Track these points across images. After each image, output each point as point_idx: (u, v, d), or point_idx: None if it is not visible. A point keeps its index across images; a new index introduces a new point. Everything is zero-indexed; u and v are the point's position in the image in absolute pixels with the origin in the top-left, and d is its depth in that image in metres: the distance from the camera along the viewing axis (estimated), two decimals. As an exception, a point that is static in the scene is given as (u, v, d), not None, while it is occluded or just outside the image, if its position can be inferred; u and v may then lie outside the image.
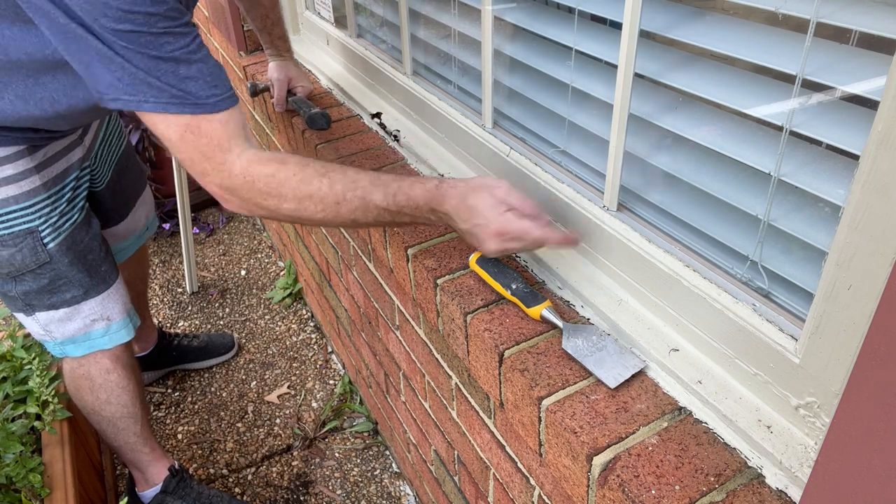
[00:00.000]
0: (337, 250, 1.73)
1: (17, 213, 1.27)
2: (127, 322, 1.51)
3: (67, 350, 1.46)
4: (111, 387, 1.54)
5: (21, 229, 1.28)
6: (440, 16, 1.28)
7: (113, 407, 1.56)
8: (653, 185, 0.90)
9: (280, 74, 1.63)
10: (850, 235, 0.60)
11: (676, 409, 0.79)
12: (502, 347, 0.89)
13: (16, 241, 1.28)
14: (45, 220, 1.30)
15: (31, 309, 1.39)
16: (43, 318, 1.40)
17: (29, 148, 1.26)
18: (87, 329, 1.45)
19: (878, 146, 0.55)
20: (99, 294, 1.43)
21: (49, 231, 1.31)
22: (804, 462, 0.70)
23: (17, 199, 1.26)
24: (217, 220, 3.08)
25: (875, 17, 0.58)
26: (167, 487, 1.70)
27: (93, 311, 1.43)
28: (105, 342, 1.48)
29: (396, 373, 1.56)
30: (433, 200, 0.96)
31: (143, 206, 1.81)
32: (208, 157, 0.96)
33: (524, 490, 1.04)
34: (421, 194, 0.96)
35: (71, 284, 1.38)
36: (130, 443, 1.64)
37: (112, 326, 1.48)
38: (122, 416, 1.58)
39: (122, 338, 1.50)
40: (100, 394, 1.53)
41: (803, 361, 0.69)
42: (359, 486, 1.88)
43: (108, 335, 1.48)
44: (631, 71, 0.83)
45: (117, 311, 1.48)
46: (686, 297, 0.83)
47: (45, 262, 1.33)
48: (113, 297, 1.47)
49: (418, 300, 1.14)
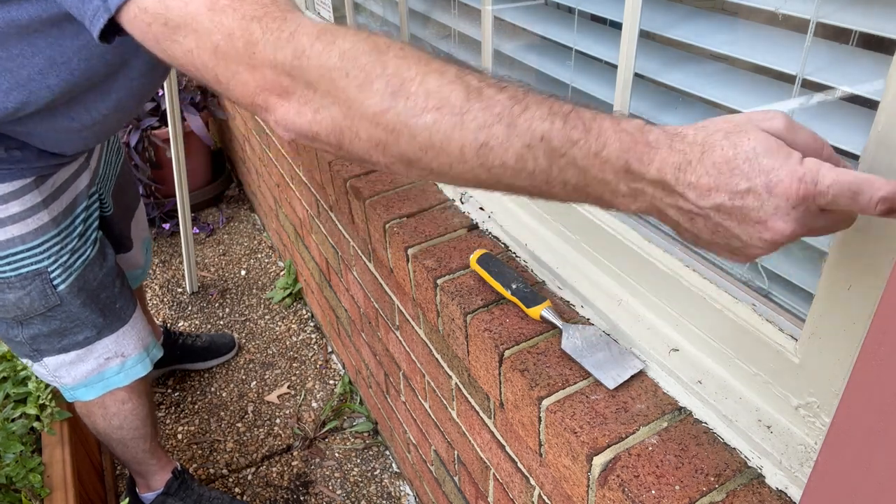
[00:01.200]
0: (337, 250, 1.73)
1: (25, 254, 1.17)
2: (143, 357, 1.42)
3: (78, 394, 1.38)
4: (125, 415, 1.49)
5: (29, 271, 1.18)
6: (440, 15, 1.28)
7: (124, 431, 1.53)
8: (653, 185, 0.90)
9: None
10: (850, 235, 0.60)
11: (676, 409, 0.79)
12: (502, 347, 0.89)
13: (23, 284, 1.18)
14: (54, 259, 1.20)
15: (38, 354, 1.29)
16: (52, 363, 1.30)
17: (37, 180, 1.16)
18: (101, 369, 1.36)
19: (878, 146, 0.55)
20: (113, 332, 1.34)
21: (59, 272, 1.21)
22: (804, 462, 0.70)
23: (23, 239, 1.16)
24: (217, 220, 3.08)
25: (875, 17, 0.58)
26: (169, 489, 1.70)
27: (107, 349, 1.34)
28: (120, 379, 1.39)
29: (396, 373, 1.56)
30: (634, 152, 0.51)
31: (136, 227, 1.69)
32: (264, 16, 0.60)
33: (524, 490, 1.04)
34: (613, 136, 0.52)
35: (83, 326, 1.28)
36: (138, 458, 1.63)
37: (127, 363, 1.39)
38: (132, 438, 1.56)
39: (139, 373, 1.41)
40: (112, 420, 1.50)
41: (803, 361, 0.69)
42: (359, 486, 1.87)
43: (123, 371, 1.39)
44: (631, 71, 0.83)
45: (132, 347, 1.38)
46: (686, 297, 0.83)
47: (56, 304, 1.22)
48: (128, 333, 1.37)
49: (418, 300, 1.14)
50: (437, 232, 1.13)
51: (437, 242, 1.11)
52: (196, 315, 2.53)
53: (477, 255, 1.01)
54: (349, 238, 1.57)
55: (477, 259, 1.01)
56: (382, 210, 1.20)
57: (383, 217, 1.19)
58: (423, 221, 1.16)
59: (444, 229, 1.14)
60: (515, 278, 0.97)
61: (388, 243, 1.19)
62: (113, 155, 1.51)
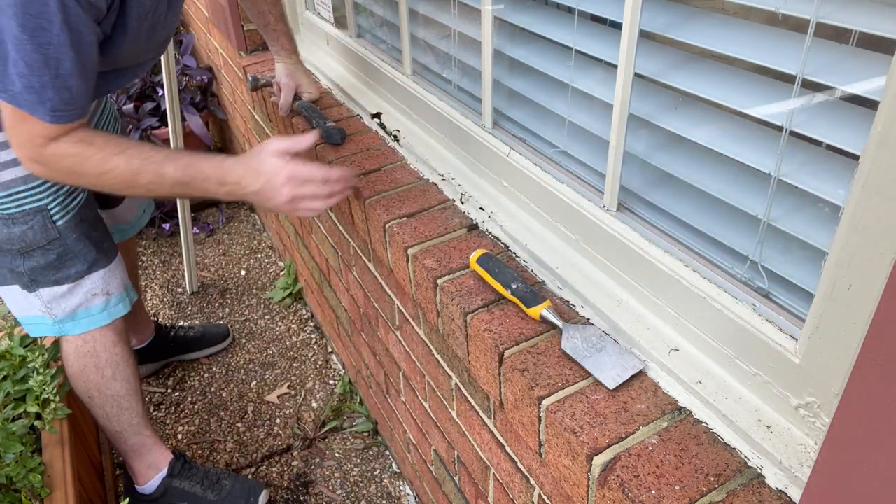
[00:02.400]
0: (337, 250, 1.73)
1: (27, 193, 1.32)
2: (124, 296, 1.55)
3: (66, 328, 1.49)
4: (117, 360, 1.56)
5: (31, 207, 1.34)
6: (440, 16, 1.28)
7: (119, 383, 1.58)
8: (653, 185, 0.90)
9: (288, 80, 1.61)
10: (850, 235, 0.60)
11: (676, 409, 0.79)
12: (502, 347, 0.89)
13: (27, 219, 1.34)
14: (53, 198, 1.36)
15: (35, 285, 1.42)
16: (46, 294, 1.44)
17: None
18: (87, 304, 1.48)
19: (878, 146, 0.55)
20: (102, 268, 1.48)
21: (58, 209, 1.37)
22: (804, 462, 0.70)
23: (25, 180, 1.31)
24: (217, 220, 3.08)
25: (875, 17, 0.58)
26: (173, 471, 1.70)
27: (94, 285, 1.47)
28: (104, 317, 1.51)
29: (396, 373, 1.56)
30: (219, 172, 1.13)
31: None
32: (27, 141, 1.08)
33: (524, 490, 1.04)
34: (209, 167, 1.13)
35: (77, 259, 1.43)
36: (134, 424, 1.64)
37: (111, 301, 1.52)
38: (126, 394, 1.60)
39: (120, 311, 1.54)
40: (105, 370, 1.55)
41: (803, 361, 0.69)
42: (359, 486, 1.88)
43: (106, 310, 1.52)
44: (631, 71, 0.83)
45: (115, 286, 1.52)
46: (686, 297, 0.83)
47: (55, 238, 1.38)
48: (114, 271, 1.51)
49: (418, 300, 1.14)
50: (437, 232, 1.13)
51: (437, 242, 1.11)
52: (196, 315, 2.53)
53: (477, 255, 1.01)
54: (349, 238, 1.57)
55: (477, 259, 1.01)
56: (382, 210, 1.20)
57: (383, 217, 1.19)
58: (423, 221, 1.16)
59: (444, 229, 1.14)
60: (515, 278, 0.97)
61: (388, 243, 1.19)
62: (110, 121, 1.66)
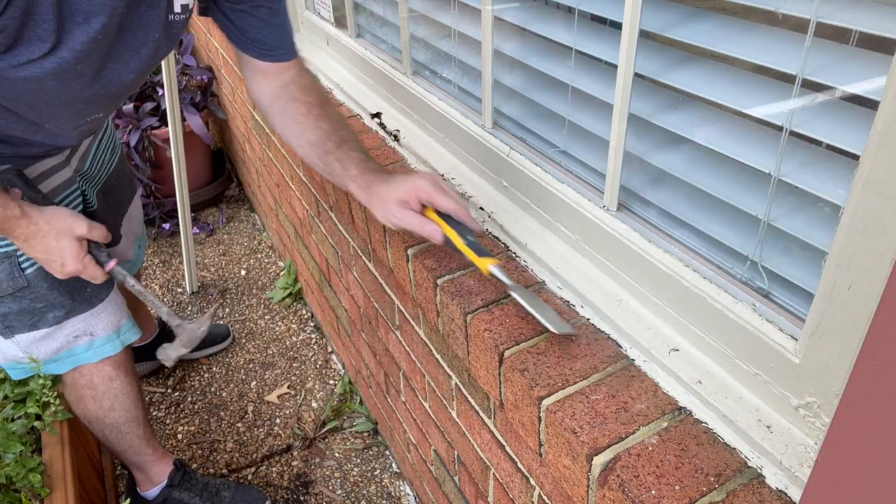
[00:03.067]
0: (337, 250, 1.73)
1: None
2: (113, 338, 1.46)
3: (49, 368, 1.43)
4: (115, 393, 1.51)
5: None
6: (440, 15, 1.28)
7: (117, 413, 1.54)
8: (653, 185, 0.90)
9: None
10: (850, 235, 0.60)
11: (676, 409, 0.79)
12: (502, 347, 0.89)
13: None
14: None
15: (10, 331, 1.34)
16: (23, 339, 1.36)
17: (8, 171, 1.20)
18: (70, 346, 1.41)
19: (878, 146, 0.55)
20: (82, 313, 1.39)
21: (26, 256, 1.25)
22: (804, 462, 0.70)
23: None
24: (217, 220, 3.08)
25: (875, 17, 0.58)
26: (172, 481, 1.70)
27: (75, 328, 1.39)
28: (90, 356, 1.44)
29: (396, 373, 1.56)
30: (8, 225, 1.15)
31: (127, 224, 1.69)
32: None
33: (524, 490, 1.04)
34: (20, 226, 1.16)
35: (52, 307, 1.34)
36: (134, 446, 1.63)
37: (96, 342, 1.43)
38: (125, 421, 1.57)
39: (107, 352, 1.46)
40: (103, 402, 1.51)
41: (803, 361, 0.69)
42: (359, 486, 1.88)
43: (91, 350, 1.44)
44: (631, 71, 0.83)
45: (102, 328, 1.43)
46: (686, 297, 0.83)
47: (23, 286, 1.28)
48: (98, 315, 1.41)
49: (418, 300, 1.14)
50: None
51: (437, 242, 1.11)
52: (196, 315, 2.53)
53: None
54: (349, 238, 1.57)
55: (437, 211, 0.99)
56: (382, 210, 1.20)
57: (383, 217, 1.18)
58: (423, 221, 1.16)
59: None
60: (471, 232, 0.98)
61: (388, 243, 1.19)
62: (107, 154, 1.55)
